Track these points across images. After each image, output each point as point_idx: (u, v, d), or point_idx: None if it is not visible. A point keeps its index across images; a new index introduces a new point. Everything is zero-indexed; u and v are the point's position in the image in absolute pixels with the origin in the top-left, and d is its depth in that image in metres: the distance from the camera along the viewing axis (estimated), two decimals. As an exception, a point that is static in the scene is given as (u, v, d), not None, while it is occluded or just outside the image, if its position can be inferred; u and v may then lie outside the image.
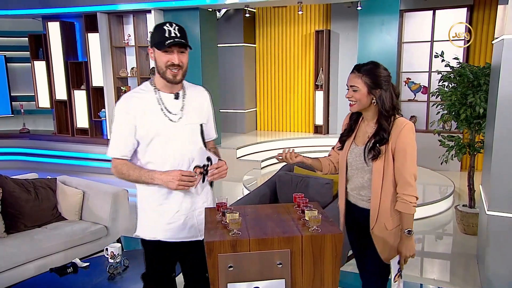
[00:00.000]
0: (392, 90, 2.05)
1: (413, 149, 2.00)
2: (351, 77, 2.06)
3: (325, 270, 1.72)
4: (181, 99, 2.06)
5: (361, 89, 2.02)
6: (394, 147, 1.99)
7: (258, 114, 8.81)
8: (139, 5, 6.40)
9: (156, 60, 1.97)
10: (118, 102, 2.03)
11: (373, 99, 2.02)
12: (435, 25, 7.03)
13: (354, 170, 2.14)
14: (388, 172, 2.01)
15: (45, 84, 7.55)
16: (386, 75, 2.04)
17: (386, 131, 2.00)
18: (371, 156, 2.02)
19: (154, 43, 1.96)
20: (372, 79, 2.01)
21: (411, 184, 1.99)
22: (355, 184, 2.15)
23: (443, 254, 4.19)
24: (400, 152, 1.98)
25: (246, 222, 1.83)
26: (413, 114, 7.25)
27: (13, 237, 3.41)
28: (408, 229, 2.02)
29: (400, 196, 2.00)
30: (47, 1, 6.99)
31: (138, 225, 2.15)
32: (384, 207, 2.04)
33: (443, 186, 5.63)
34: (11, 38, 8.00)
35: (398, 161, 1.99)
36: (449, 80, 4.36)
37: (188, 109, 2.06)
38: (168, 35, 1.91)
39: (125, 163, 2.01)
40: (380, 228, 2.06)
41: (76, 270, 2.92)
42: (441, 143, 4.44)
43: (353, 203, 2.19)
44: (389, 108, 2.02)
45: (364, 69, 2.03)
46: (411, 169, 1.99)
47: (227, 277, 1.66)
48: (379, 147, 2.00)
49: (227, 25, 8.15)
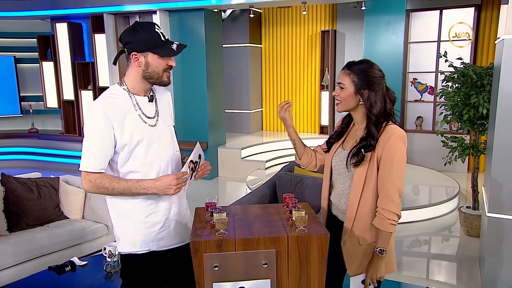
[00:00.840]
0: (385, 94, 1.88)
1: (400, 161, 1.80)
2: (340, 74, 1.92)
3: (311, 271, 1.72)
4: (154, 102, 1.96)
5: (347, 87, 1.87)
6: (380, 156, 1.81)
7: (263, 115, 8.81)
8: (145, 6, 6.45)
9: (148, 66, 1.84)
10: (92, 109, 1.81)
11: (360, 100, 1.87)
12: (441, 25, 6.96)
13: (337, 175, 1.98)
14: (370, 181, 1.84)
15: (53, 84, 7.66)
16: (378, 76, 1.87)
17: (373, 137, 1.82)
18: (354, 162, 1.85)
19: (149, 47, 1.81)
20: (361, 78, 1.85)
21: (393, 199, 1.80)
22: (337, 191, 2.00)
23: (446, 256, 4.14)
24: (386, 162, 1.80)
25: (234, 222, 1.84)
26: (420, 115, 7.18)
27: (15, 236, 3.47)
28: (380, 247, 1.83)
29: (379, 210, 1.82)
30: (56, 2, 7.08)
31: (120, 241, 1.96)
32: (360, 219, 1.87)
33: (449, 187, 5.57)
34: (21, 39, 8.12)
35: (382, 171, 1.81)
36: (452, 80, 4.32)
37: (161, 112, 1.98)
38: (164, 38, 1.83)
39: (105, 176, 1.81)
40: (353, 242, 1.89)
41: (74, 269, 2.97)
42: (444, 144, 4.40)
43: (334, 215, 2.04)
44: (378, 113, 1.84)
45: (355, 67, 1.88)
46: (396, 183, 1.80)
47: (213, 277, 1.66)
48: (364, 153, 1.83)
49: (233, 25, 8.16)
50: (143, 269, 1.96)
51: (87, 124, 1.81)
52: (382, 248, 1.83)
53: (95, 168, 1.79)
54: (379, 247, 1.83)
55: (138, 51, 1.82)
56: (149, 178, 1.85)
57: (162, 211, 1.94)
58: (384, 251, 1.83)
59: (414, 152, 7.08)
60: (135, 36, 1.82)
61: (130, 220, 1.92)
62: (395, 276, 3.54)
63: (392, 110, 1.92)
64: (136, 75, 1.87)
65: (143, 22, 1.89)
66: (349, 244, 1.90)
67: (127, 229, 1.93)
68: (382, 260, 1.85)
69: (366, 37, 6.56)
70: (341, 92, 1.90)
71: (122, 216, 1.93)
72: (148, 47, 1.82)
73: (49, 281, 2.82)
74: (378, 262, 1.85)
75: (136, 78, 1.87)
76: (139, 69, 1.85)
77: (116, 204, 1.92)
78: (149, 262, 1.95)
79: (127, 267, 1.97)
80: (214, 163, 6.90)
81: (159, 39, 1.83)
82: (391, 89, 1.93)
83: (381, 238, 1.83)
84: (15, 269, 3.26)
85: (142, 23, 1.86)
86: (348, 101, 1.89)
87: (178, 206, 2.01)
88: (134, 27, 1.84)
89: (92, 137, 1.80)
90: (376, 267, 1.85)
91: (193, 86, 6.70)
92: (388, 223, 1.80)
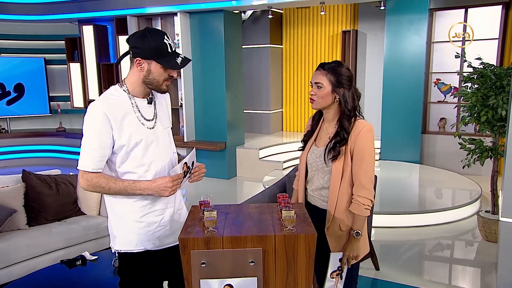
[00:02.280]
0: (353, 91, 2.09)
1: (370, 152, 2.02)
2: (316, 74, 2.08)
3: (299, 270, 1.73)
4: (153, 105, 2.01)
5: (325, 86, 2.04)
6: (353, 149, 2.01)
7: (284, 115, 8.81)
8: (166, 8, 6.58)
9: (150, 72, 1.87)
10: (92, 109, 1.84)
11: (335, 97, 2.06)
12: (467, 23, 6.76)
13: (315, 171, 2.15)
14: (346, 173, 2.03)
15: (79, 85, 7.93)
16: (348, 75, 2.07)
17: (346, 131, 2.03)
18: (331, 157, 2.04)
19: (154, 55, 1.83)
20: (336, 77, 2.03)
21: (366, 187, 2.00)
22: (315, 185, 2.16)
23: (463, 260, 4.04)
24: (358, 154, 2.01)
25: (226, 220, 1.87)
26: (443, 116, 7.00)
27: (34, 230, 3.62)
28: (357, 230, 2.05)
29: (355, 197, 2.03)
30: (83, 5, 7.33)
31: (117, 240, 2.00)
32: (340, 208, 2.06)
33: (470, 190, 5.41)
34: (50, 42, 8.45)
35: (355, 163, 2.02)
36: (471, 81, 4.20)
37: (160, 114, 2.02)
38: (171, 50, 1.86)
39: (101, 176, 1.85)
40: (335, 229, 2.08)
41: (85, 263, 3.07)
42: (462, 146, 4.28)
43: (313, 204, 2.19)
44: (351, 108, 2.05)
45: (328, 67, 2.05)
46: (368, 172, 2.01)
47: (200, 273, 1.70)
48: (339, 147, 2.03)
49: (254, 26, 8.21)
50: (139, 267, 2.00)
51: (86, 124, 1.85)
52: (358, 231, 2.05)
53: (92, 167, 1.84)
54: (356, 230, 2.05)
55: (143, 57, 1.85)
56: (145, 179, 1.89)
57: (158, 211, 1.98)
58: (359, 234, 2.05)
59: (436, 154, 6.92)
60: (143, 42, 1.84)
61: (126, 219, 1.97)
62: (406, 279, 3.49)
63: (358, 106, 2.13)
64: (137, 79, 1.91)
65: (153, 29, 1.90)
66: (331, 230, 2.08)
67: (123, 228, 1.98)
68: (358, 241, 2.07)
69: (387, 37, 6.47)
70: (318, 91, 2.07)
71: (119, 215, 1.98)
72: (154, 56, 1.84)
73: (61, 274, 2.94)
74: (354, 243, 2.07)
75: (137, 81, 1.91)
76: (140, 74, 1.89)
77: (113, 203, 1.98)
78: (145, 261, 2.00)
79: (124, 265, 2.03)
80: (233, 163, 6.96)
81: (166, 50, 1.85)
82: (356, 86, 2.15)
83: (357, 221, 2.05)
84: (32, 262, 3.41)
85: (152, 30, 1.87)
86: (325, 99, 2.07)
87: (173, 206, 2.05)
88: (144, 33, 1.86)
89: (90, 137, 1.83)
90: (353, 247, 2.07)
91: (212, 86, 6.78)
92: (363, 208, 2.01)
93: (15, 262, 3.33)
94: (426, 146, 7.02)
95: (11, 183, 3.75)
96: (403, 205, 4.96)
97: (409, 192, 5.62)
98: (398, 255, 4.07)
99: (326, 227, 2.09)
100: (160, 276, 2.07)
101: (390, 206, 4.91)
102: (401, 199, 5.17)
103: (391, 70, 6.48)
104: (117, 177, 1.91)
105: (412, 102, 6.44)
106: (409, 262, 3.95)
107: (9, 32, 8.14)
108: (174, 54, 1.87)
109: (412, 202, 5.23)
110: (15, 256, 3.34)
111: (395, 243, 4.33)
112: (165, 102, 2.11)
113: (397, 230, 4.63)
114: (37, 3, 7.59)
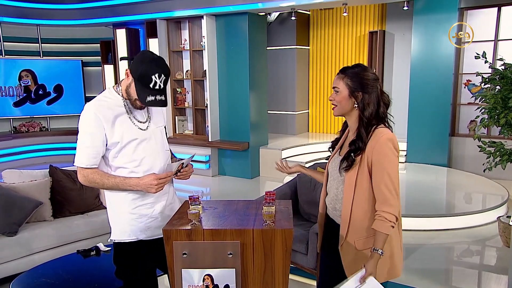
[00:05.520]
0: (380, 97, 1.93)
1: (390, 164, 1.83)
2: (335, 78, 1.97)
3: (276, 263, 1.80)
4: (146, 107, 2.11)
5: (342, 91, 1.92)
6: (371, 160, 1.85)
7: (310, 116, 8.81)
8: (193, 11, 6.78)
9: (130, 86, 1.98)
10: (85, 111, 1.98)
11: (354, 103, 1.92)
12: (499, 23, 6.52)
13: (332, 180, 2.03)
14: (361, 185, 1.86)
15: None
16: (369, 78, 1.91)
17: (362, 139, 1.87)
18: (344, 166, 1.90)
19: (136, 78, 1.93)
20: (354, 81, 1.90)
21: (390, 202, 1.81)
22: (330, 195, 2.05)
23: (482, 266, 3.93)
24: (377, 166, 1.83)
25: (211, 215, 1.96)
26: (473, 119, 6.78)
27: (58, 221, 3.87)
28: (380, 249, 1.83)
29: (379, 213, 1.83)
30: (116, 10, 7.66)
31: (113, 230, 2.16)
32: (355, 223, 1.90)
33: (497, 195, 5.23)
34: (87, 45, 8.88)
35: (375, 176, 1.84)
36: (493, 82, 4.08)
37: (153, 115, 2.13)
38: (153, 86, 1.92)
39: (96, 172, 1.99)
40: (350, 247, 1.92)
41: (99, 254, 3.26)
42: (481, 149, 4.16)
43: (332, 218, 2.07)
44: (369, 115, 1.89)
45: (348, 71, 1.94)
46: (390, 186, 1.82)
47: (182, 263, 1.80)
48: (353, 157, 1.87)
49: (281, 28, 8.26)
50: (133, 256, 2.14)
51: (80, 123, 2.01)
52: (377, 248, 1.83)
53: (86, 164, 1.99)
54: (379, 248, 1.83)
55: (130, 71, 1.98)
56: (137, 174, 2.02)
57: (149, 204, 2.11)
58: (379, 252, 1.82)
59: (466, 158, 6.70)
60: (139, 63, 1.95)
61: (119, 211, 2.12)
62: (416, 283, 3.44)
63: (386, 114, 1.96)
64: (125, 86, 2.03)
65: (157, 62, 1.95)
66: (346, 249, 1.93)
67: (117, 219, 2.14)
68: (376, 259, 1.83)
69: (415, 37, 6.36)
70: (336, 96, 1.95)
71: (114, 207, 2.13)
72: (135, 77, 1.95)
73: (76, 263, 3.14)
74: (376, 262, 1.83)
75: (125, 87, 2.03)
76: (126, 82, 2.01)
77: (108, 195, 2.13)
78: (138, 250, 2.13)
79: (118, 254, 2.17)
80: (256, 163, 7.06)
81: (148, 83, 1.91)
82: (385, 93, 1.98)
83: (379, 238, 1.83)
84: (54, 251, 3.65)
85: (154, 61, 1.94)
86: (343, 104, 1.94)
87: (165, 200, 2.16)
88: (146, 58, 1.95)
89: (83, 136, 1.99)
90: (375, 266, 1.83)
91: (237, 88, 6.91)
92: (388, 225, 1.82)
93: (39, 250, 3.59)
94: (455, 149, 6.82)
95: (39, 177, 4.01)
96: (426, 208, 4.86)
97: (433, 195, 5.49)
98: (418, 258, 3.99)
99: (340, 244, 1.94)
100: (152, 264, 2.19)
101: (412, 210, 4.83)
102: (424, 202, 5.08)
103: (418, 71, 6.36)
104: (111, 171, 2.05)
105: (440, 103, 6.29)
106: (428, 265, 3.88)
107: (51, 36, 8.63)
108: (153, 90, 1.93)
109: (435, 205, 5.12)
110: (39, 245, 3.59)
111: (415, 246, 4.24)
112: None
113: (417, 233, 4.54)
114: (75, 9, 8.03)
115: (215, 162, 7.22)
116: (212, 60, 6.94)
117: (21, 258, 3.49)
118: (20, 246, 3.47)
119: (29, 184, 3.88)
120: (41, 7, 7.95)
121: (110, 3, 7.64)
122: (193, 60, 7.17)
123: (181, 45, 7.40)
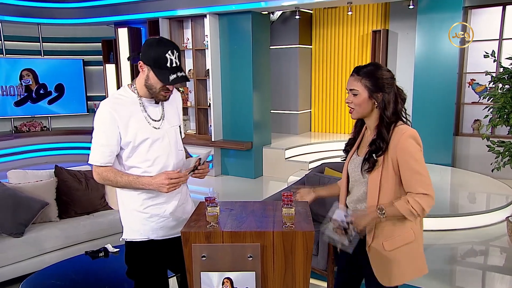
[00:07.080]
0: (397, 93, 1.89)
1: (416, 160, 1.79)
2: (350, 79, 1.90)
3: (297, 266, 1.77)
4: (161, 104, 2.10)
5: (361, 93, 1.85)
6: (396, 159, 1.80)
7: (312, 116, 8.78)
8: (196, 10, 6.74)
9: (149, 78, 1.97)
10: (100, 109, 1.98)
11: (374, 103, 1.86)
12: (504, 22, 6.51)
13: (354, 182, 1.97)
14: (386, 186, 1.81)
15: (114, 85, 8.24)
16: (388, 77, 1.87)
17: (383, 139, 1.82)
18: (366, 168, 1.84)
19: (152, 64, 1.93)
20: (372, 81, 1.84)
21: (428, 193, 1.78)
22: (353, 197, 1.98)
23: (489, 266, 3.91)
24: (404, 164, 1.79)
25: (229, 216, 1.93)
26: (477, 118, 6.77)
27: (64, 222, 3.83)
28: (384, 212, 1.80)
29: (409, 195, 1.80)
30: (118, 8, 7.62)
31: (124, 229, 2.15)
32: (381, 224, 1.86)
33: (503, 195, 5.22)
34: (88, 44, 8.82)
35: (404, 175, 1.80)
36: (502, 82, 4.06)
37: (168, 114, 2.11)
38: (170, 65, 1.92)
39: (110, 170, 1.99)
40: (378, 247, 1.87)
41: (107, 255, 3.23)
42: (490, 148, 4.14)
43: None
44: (391, 114, 1.85)
45: (363, 71, 1.87)
46: (422, 181, 1.78)
47: (201, 266, 1.77)
48: (375, 157, 1.82)
49: (283, 27, 8.23)
50: (144, 256, 2.12)
51: (95, 121, 1.99)
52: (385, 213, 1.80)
53: (101, 162, 1.99)
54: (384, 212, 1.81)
55: (144, 62, 1.97)
56: (150, 174, 2.00)
57: (160, 204, 2.09)
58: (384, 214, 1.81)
59: (470, 157, 6.70)
60: (147, 50, 1.95)
61: (131, 210, 2.10)
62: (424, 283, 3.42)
63: (402, 110, 1.93)
64: (142, 82, 2.02)
65: (163, 41, 1.98)
66: (374, 250, 1.89)
67: (129, 218, 2.12)
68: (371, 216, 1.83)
69: (419, 36, 6.33)
70: (354, 98, 1.88)
71: (126, 206, 2.12)
72: (151, 65, 1.95)
73: (84, 264, 3.11)
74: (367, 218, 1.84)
75: (141, 84, 2.02)
76: (143, 77, 2.00)
77: (121, 194, 2.12)
78: (149, 250, 2.11)
79: (130, 253, 2.16)
80: (259, 163, 7.03)
81: (164, 63, 1.92)
82: (401, 88, 1.95)
83: (391, 210, 1.80)
84: (60, 252, 3.61)
85: (161, 42, 1.96)
86: (363, 107, 1.88)
87: (177, 201, 2.13)
88: (153, 42, 1.97)
89: (98, 135, 1.98)
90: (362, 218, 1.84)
91: (240, 87, 6.87)
92: (408, 210, 1.77)
93: (46, 251, 3.55)
94: (459, 148, 6.81)
95: (44, 178, 3.98)
96: (433, 208, 4.81)
97: (439, 195, 5.44)
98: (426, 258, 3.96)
99: (367, 246, 1.90)
100: (164, 265, 2.19)
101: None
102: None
103: (422, 70, 6.34)
104: (125, 170, 2.04)
105: (444, 103, 6.26)
106: (436, 266, 3.86)
107: (52, 35, 8.58)
108: (171, 69, 1.93)
109: (440, 205, 5.10)
110: (46, 246, 3.55)
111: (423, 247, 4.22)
112: (175, 102, 2.20)
113: (424, 233, 4.50)
114: (77, 8, 7.97)
115: (218, 161, 7.19)
116: (215, 59, 6.90)
117: (29, 259, 3.45)
118: (27, 247, 3.44)
119: (34, 185, 3.84)
120: (42, 6, 7.89)
121: (112, 2, 7.59)
122: (196, 59, 7.14)
123: (184, 44, 7.35)
